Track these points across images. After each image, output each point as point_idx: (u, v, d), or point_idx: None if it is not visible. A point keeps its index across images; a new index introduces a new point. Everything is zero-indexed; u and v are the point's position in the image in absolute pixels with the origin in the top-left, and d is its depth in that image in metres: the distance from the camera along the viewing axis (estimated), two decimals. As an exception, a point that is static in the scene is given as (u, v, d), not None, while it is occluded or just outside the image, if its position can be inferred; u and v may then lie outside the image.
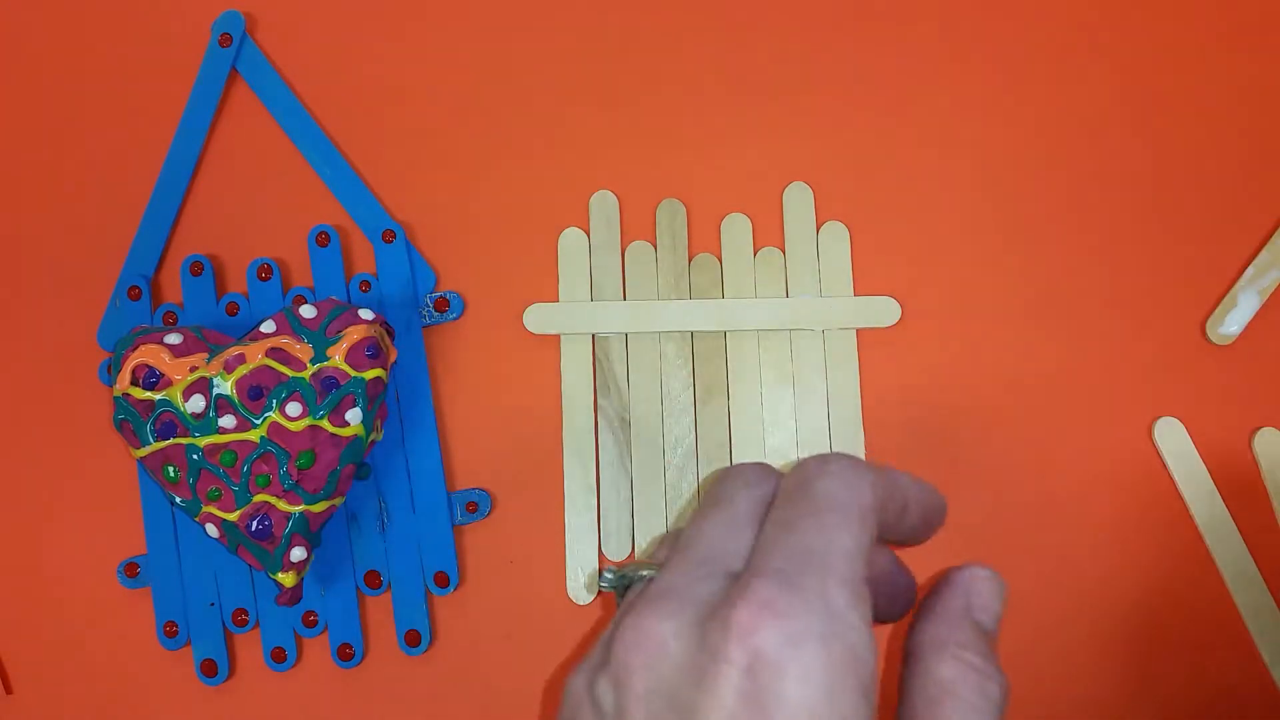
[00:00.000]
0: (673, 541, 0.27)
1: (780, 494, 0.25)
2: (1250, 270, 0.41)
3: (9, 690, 0.40)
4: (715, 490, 0.27)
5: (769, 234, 0.42)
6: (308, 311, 0.38)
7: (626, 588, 0.28)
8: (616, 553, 0.40)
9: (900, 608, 0.27)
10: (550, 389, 0.41)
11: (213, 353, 0.37)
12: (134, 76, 0.43)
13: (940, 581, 0.26)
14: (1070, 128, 0.43)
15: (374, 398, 0.37)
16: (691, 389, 0.41)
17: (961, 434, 0.41)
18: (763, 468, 0.26)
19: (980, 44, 0.43)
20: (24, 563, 0.41)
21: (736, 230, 0.42)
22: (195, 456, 0.36)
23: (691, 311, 0.41)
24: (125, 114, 0.43)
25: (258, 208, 0.42)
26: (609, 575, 0.29)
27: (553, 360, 0.41)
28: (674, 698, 0.24)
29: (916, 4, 0.43)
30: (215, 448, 0.36)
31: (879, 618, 0.26)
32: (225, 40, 0.42)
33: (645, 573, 0.27)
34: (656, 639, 0.24)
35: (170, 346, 0.37)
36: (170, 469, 0.36)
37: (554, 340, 0.41)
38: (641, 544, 0.40)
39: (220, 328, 0.40)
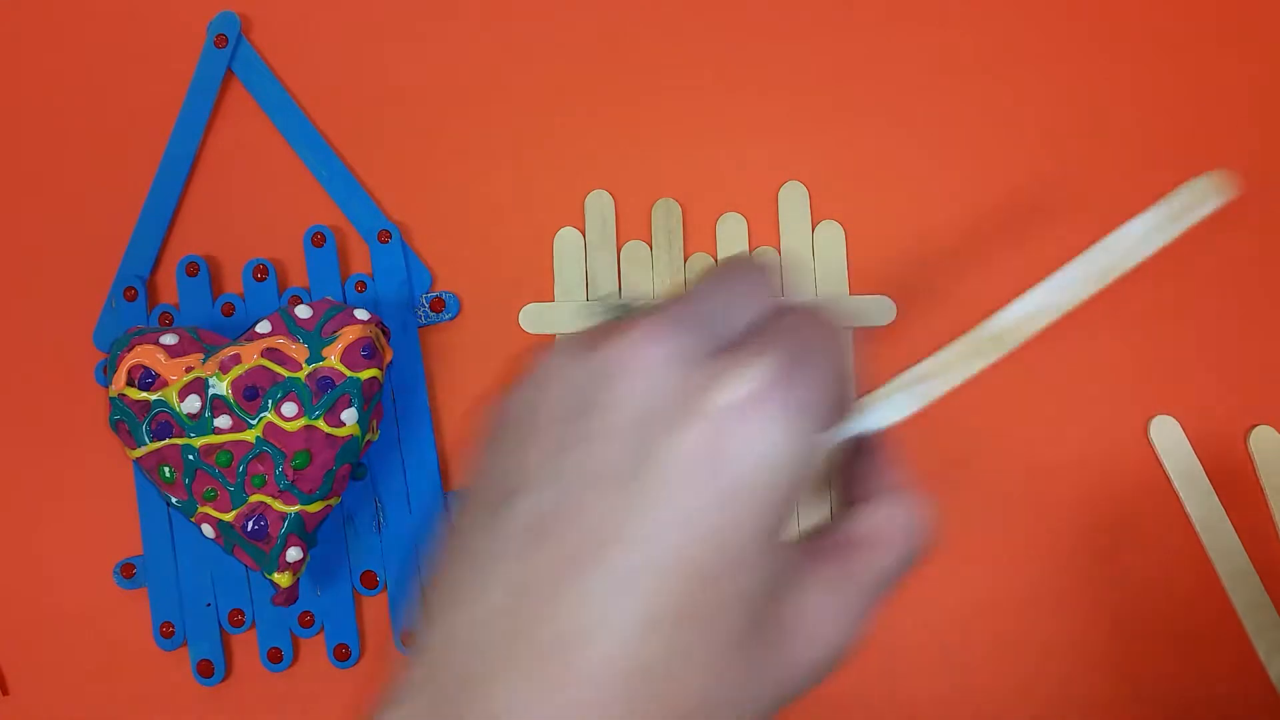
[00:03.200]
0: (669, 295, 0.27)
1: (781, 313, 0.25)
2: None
3: (5, 691, 0.40)
4: (720, 270, 0.26)
5: (764, 233, 0.42)
6: (303, 312, 0.38)
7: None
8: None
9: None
10: (546, 389, 0.41)
11: (208, 353, 0.37)
12: (129, 78, 0.43)
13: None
14: (1067, 126, 0.43)
15: (370, 398, 0.37)
16: (687, 388, 0.41)
17: (956, 432, 0.41)
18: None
19: (977, 43, 0.43)
20: (20, 563, 0.40)
21: (732, 230, 0.42)
22: (191, 457, 0.36)
23: (687, 311, 0.41)
24: (121, 115, 0.43)
25: (253, 208, 0.42)
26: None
27: (548, 360, 0.41)
28: (642, 421, 0.23)
29: (913, 3, 0.44)
30: (211, 448, 0.36)
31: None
32: (220, 41, 0.42)
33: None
34: (649, 358, 0.24)
35: (166, 347, 0.37)
36: (166, 469, 0.36)
37: (550, 340, 0.41)
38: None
39: (216, 328, 0.40)
